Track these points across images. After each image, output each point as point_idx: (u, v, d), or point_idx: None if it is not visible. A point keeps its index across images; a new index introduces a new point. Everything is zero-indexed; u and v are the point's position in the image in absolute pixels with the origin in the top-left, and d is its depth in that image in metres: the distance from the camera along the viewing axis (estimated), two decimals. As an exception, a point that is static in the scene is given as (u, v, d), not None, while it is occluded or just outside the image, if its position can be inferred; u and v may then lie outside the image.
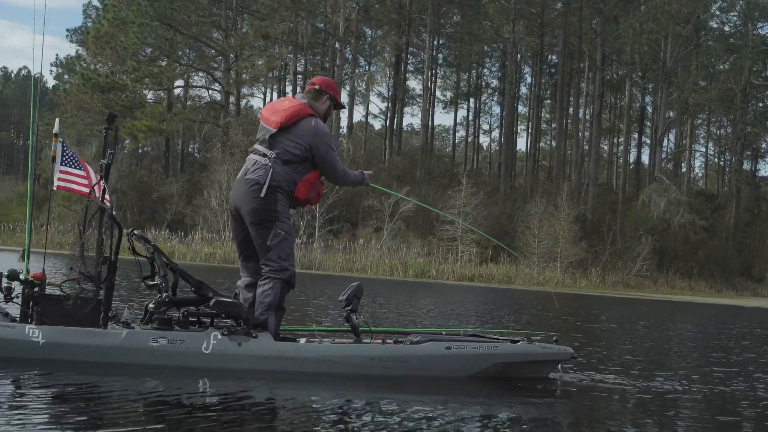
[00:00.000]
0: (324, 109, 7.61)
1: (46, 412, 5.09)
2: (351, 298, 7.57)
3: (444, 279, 41.56)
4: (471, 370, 7.49)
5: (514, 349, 7.64)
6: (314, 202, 7.64)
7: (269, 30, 60.84)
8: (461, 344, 7.49)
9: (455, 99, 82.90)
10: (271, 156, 7.37)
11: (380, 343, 7.58)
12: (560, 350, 7.85)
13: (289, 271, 7.32)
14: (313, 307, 15.32)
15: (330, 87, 7.71)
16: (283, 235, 7.29)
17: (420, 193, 53.57)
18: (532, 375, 7.82)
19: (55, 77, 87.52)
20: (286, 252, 7.32)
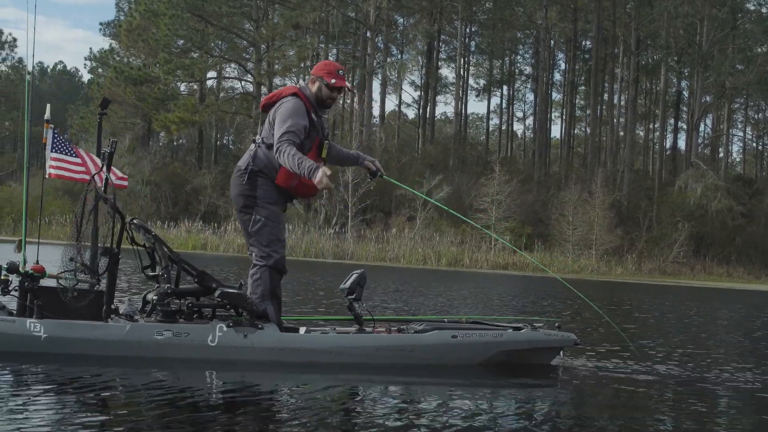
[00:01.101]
0: (314, 90, 7.30)
1: (50, 407, 4.97)
2: (354, 287, 7.43)
3: (477, 267, 41.28)
4: (477, 359, 7.44)
5: (519, 337, 7.60)
6: (302, 192, 7.23)
7: (300, 20, 60.73)
8: (467, 333, 7.41)
9: (488, 86, 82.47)
10: (257, 141, 7.26)
11: (383, 331, 7.46)
12: (564, 337, 7.80)
13: (274, 257, 7.11)
14: (316, 294, 15.18)
15: (317, 68, 7.43)
16: (263, 221, 7.09)
17: (453, 182, 53.28)
18: (535, 362, 7.75)
19: (89, 71, 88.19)
20: (269, 238, 7.12)
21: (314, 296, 15.17)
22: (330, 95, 7.32)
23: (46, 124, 7.45)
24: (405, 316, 9.83)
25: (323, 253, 43.23)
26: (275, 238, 7.14)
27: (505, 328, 7.73)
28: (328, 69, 7.36)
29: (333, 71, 7.33)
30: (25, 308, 6.61)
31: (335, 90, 7.33)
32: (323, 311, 11.36)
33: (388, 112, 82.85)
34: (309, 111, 7.17)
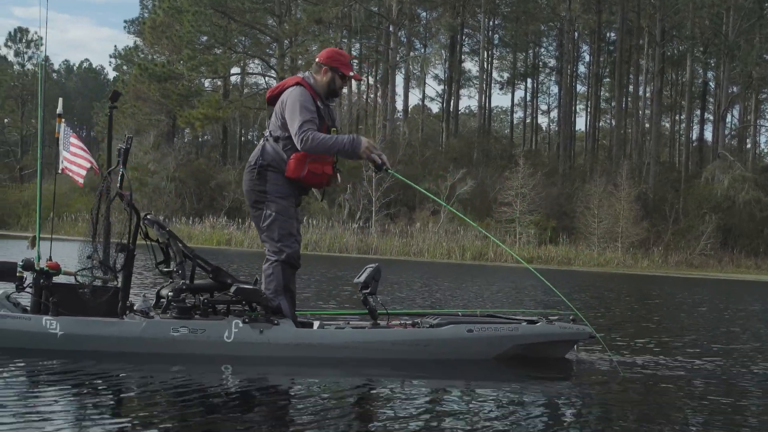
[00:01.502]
0: (325, 81, 7.25)
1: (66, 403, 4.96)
2: (369, 281, 7.42)
3: (502, 261, 41.09)
4: (493, 352, 7.41)
5: (534, 330, 7.56)
6: (314, 181, 7.16)
7: (322, 15, 60.74)
8: (483, 326, 7.37)
9: (512, 80, 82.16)
10: (266, 135, 7.23)
11: (397, 325, 7.46)
12: (579, 330, 7.76)
13: (286, 252, 7.07)
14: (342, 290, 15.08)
15: (329, 57, 7.32)
16: (274, 215, 7.06)
17: (477, 175, 53.10)
18: (550, 355, 7.72)
19: (114, 68, 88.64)
20: (280, 233, 7.07)
21: (340, 291, 15.15)
22: (341, 85, 7.30)
23: (58, 119, 7.40)
24: (419, 309, 9.75)
25: (347, 248, 43.21)
26: (286, 232, 7.09)
27: (520, 322, 7.69)
28: (341, 60, 7.30)
29: (346, 62, 7.32)
30: (39, 305, 6.60)
31: (347, 80, 7.34)
32: (347, 306, 11.30)
33: (412, 107, 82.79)
34: (315, 100, 7.12)
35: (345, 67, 7.26)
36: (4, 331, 6.33)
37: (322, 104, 7.17)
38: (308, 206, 50.97)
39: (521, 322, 7.67)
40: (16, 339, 6.34)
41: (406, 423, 4.89)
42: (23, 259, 6.63)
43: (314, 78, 7.25)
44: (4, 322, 6.35)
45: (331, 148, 6.93)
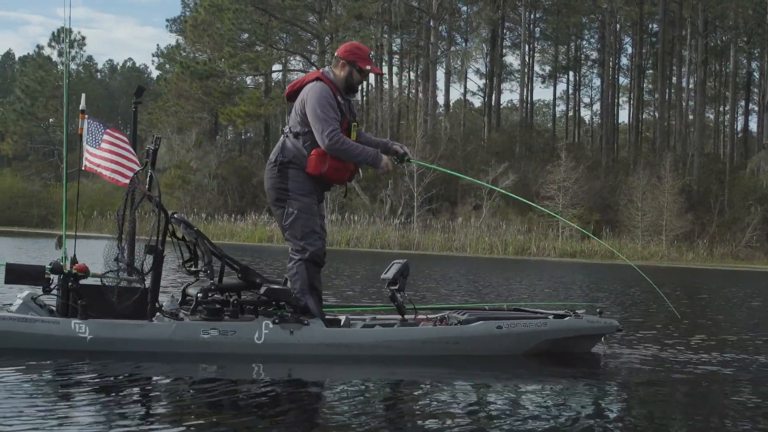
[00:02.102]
0: (343, 75, 7.19)
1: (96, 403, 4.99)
2: (397, 277, 7.38)
3: (545, 256, 40.93)
4: (522, 348, 7.39)
5: (563, 325, 7.54)
6: (336, 177, 7.11)
7: (363, 10, 60.67)
8: (512, 323, 7.34)
9: (554, 73, 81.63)
10: (285, 131, 7.21)
11: (424, 319, 7.48)
12: (607, 323, 7.74)
13: (309, 250, 7.02)
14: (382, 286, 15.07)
15: (347, 51, 7.26)
16: (296, 213, 7.01)
17: (519, 169, 52.86)
18: (577, 350, 7.72)
19: (157, 67, 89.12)
20: (303, 231, 7.02)
21: (379, 288, 15.11)
22: (360, 80, 7.24)
23: (81, 115, 7.37)
24: (447, 304, 9.72)
25: (389, 244, 43.16)
26: (309, 230, 7.04)
27: (547, 316, 7.68)
28: (360, 54, 7.22)
29: (365, 56, 7.23)
30: (67, 307, 6.58)
31: (366, 74, 7.28)
32: (380, 302, 11.30)
33: (454, 101, 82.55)
34: (335, 95, 7.07)
35: (362, 61, 7.18)
36: (34, 334, 6.32)
37: (342, 99, 7.14)
38: (350, 202, 51.03)
39: (548, 317, 7.66)
40: (45, 342, 6.33)
41: (437, 421, 4.85)
42: (51, 262, 6.63)
43: (334, 72, 7.20)
44: (34, 326, 6.33)
45: (356, 157, 6.98)
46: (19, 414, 4.52)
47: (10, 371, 5.71)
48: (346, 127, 7.09)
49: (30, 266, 6.77)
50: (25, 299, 6.59)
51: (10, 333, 6.29)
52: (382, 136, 59.96)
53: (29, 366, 5.95)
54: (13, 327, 6.29)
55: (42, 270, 6.66)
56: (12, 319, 6.34)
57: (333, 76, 7.18)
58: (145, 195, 6.83)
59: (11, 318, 6.34)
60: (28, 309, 6.53)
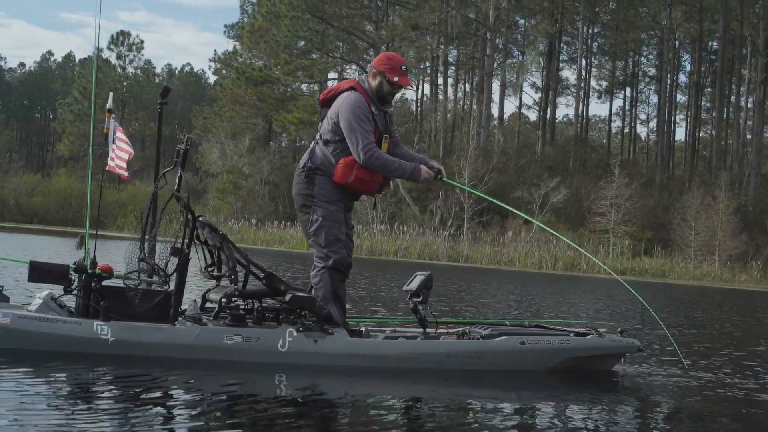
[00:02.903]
0: (375, 85, 7.08)
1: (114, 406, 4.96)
2: (420, 290, 7.31)
3: (594, 272, 40.43)
4: (544, 365, 7.32)
5: (585, 343, 7.51)
6: (362, 188, 7.02)
7: (419, 20, 60.65)
8: (535, 338, 7.29)
9: (610, 88, 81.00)
10: (317, 138, 7.14)
11: (445, 332, 7.45)
12: (628, 343, 7.70)
13: (332, 258, 6.94)
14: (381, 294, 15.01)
15: (379, 61, 7.16)
16: (320, 221, 6.93)
17: (572, 184, 52.46)
18: (598, 368, 7.66)
19: (214, 72, 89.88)
20: (327, 238, 6.94)
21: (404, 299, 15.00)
22: (391, 91, 7.10)
23: (107, 114, 7.33)
24: (468, 318, 9.64)
25: (437, 256, 42.97)
26: (333, 238, 6.96)
27: (569, 333, 7.61)
28: (391, 64, 7.09)
29: (396, 67, 7.07)
30: (87, 308, 6.51)
31: (396, 86, 7.11)
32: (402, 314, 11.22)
33: (510, 114, 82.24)
34: (369, 105, 6.97)
35: (392, 72, 7.04)
36: (55, 335, 6.24)
37: (376, 109, 7.05)
38: (400, 213, 51.00)
39: (570, 334, 7.60)
40: (65, 343, 6.25)
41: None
42: (75, 261, 6.58)
43: (368, 82, 7.11)
44: (55, 326, 6.25)
45: (392, 172, 6.95)
46: (37, 415, 4.49)
47: (29, 372, 5.69)
48: (378, 138, 7.01)
49: (54, 265, 6.70)
50: (45, 299, 6.52)
51: (30, 333, 6.21)
52: (435, 148, 60.05)
53: (48, 367, 5.90)
54: (34, 327, 6.22)
55: (66, 269, 6.60)
56: (33, 318, 6.26)
57: (367, 85, 7.09)
58: (173, 195, 6.76)
59: (32, 317, 6.27)
60: (48, 309, 6.45)
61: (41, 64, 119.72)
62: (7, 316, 6.21)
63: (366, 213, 49.34)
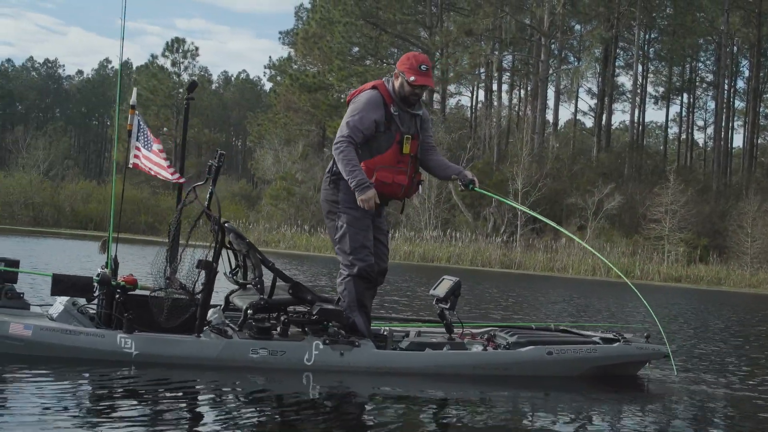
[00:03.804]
0: (397, 85, 7.01)
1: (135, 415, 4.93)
2: (448, 296, 7.28)
3: (648, 279, 39.97)
4: (571, 374, 7.32)
5: (612, 351, 7.50)
6: (385, 191, 6.94)
7: (473, 26, 60.38)
8: (562, 348, 7.26)
9: (667, 94, 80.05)
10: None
11: (469, 336, 7.47)
12: (655, 350, 7.70)
13: (357, 266, 6.86)
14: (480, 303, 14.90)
15: (401, 61, 7.10)
16: (345, 228, 6.87)
17: (626, 191, 51.91)
18: (623, 373, 7.69)
19: (269, 79, 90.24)
20: (351, 245, 6.87)
21: (479, 305, 14.91)
22: (412, 92, 6.97)
23: (131, 110, 7.28)
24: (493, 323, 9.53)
25: (490, 262, 42.70)
26: (359, 245, 6.88)
27: (595, 340, 7.62)
28: (410, 64, 6.99)
29: (415, 66, 6.96)
30: (110, 317, 6.49)
31: (417, 87, 6.96)
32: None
33: (566, 121, 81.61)
34: (388, 104, 6.89)
35: (410, 71, 6.94)
36: (77, 348, 6.22)
37: (398, 110, 6.95)
38: (453, 219, 50.79)
39: (597, 341, 7.60)
40: (89, 355, 6.23)
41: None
42: (99, 273, 6.54)
43: (392, 82, 7.05)
44: (77, 339, 6.23)
45: (346, 174, 6.73)
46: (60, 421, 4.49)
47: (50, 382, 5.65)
48: (399, 139, 6.92)
49: (77, 277, 6.72)
50: (66, 305, 6.52)
51: (52, 345, 6.19)
52: (489, 154, 59.75)
53: (71, 373, 5.91)
54: (56, 339, 6.21)
55: (89, 281, 6.61)
56: (56, 330, 6.25)
57: (390, 86, 7.03)
58: (203, 212, 6.70)
59: (54, 329, 6.25)
60: (69, 316, 6.45)
61: (98, 72, 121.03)
62: (29, 328, 6.20)
63: (419, 219, 49.23)
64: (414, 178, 7.10)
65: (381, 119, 6.89)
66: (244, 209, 59.92)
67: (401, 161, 6.97)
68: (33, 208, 59.47)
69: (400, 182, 6.93)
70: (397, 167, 6.93)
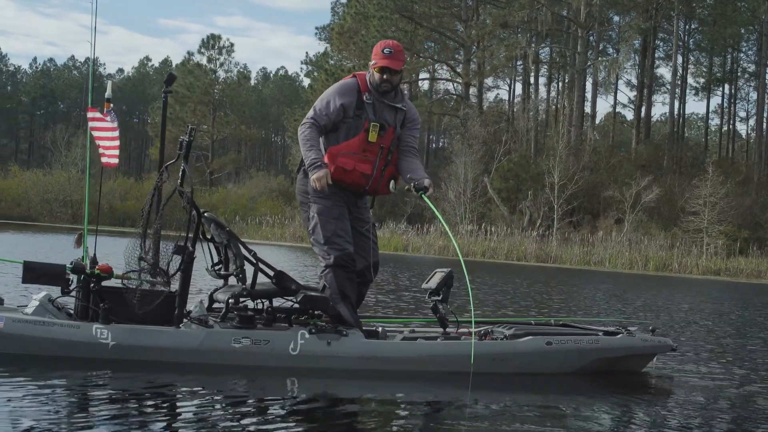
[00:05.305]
0: (372, 73, 6.78)
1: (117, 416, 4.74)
2: (440, 288, 6.97)
3: (686, 273, 39.36)
4: (572, 367, 6.90)
5: (615, 343, 7.08)
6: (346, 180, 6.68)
7: (508, 18, 59.92)
8: (562, 338, 6.83)
9: (708, 85, 79.01)
10: None
11: (466, 332, 7.00)
12: (661, 342, 7.31)
13: (333, 255, 6.62)
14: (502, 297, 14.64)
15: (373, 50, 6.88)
16: (316, 218, 6.64)
17: (665, 183, 51.24)
18: (628, 369, 7.25)
19: (306, 74, 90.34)
20: (324, 235, 6.65)
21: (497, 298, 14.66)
22: (381, 78, 6.70)
23: (106, 104, 7.08)
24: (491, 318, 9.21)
25: (525, 256, 42.29)
26: (331, 233, 6.66)
27: (598, 333, 7.17)
28: (376, 50, 6.79)
29: (379, 51, 6.75)
30: (87, 311, 6.21)
31: (384, 71, 6.68)
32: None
33: (606, 113, 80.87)
34: (362, 92, 6.67)
35: (375, 56, 6.77)
36: (51, 339, 5.95)
37: (371, 98, 6.72)
38: (489, 213, 50.45)
39: (598, 333, 7.17)
40: (63, 348, 5.97)
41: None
42: (72, 261, 6.30)
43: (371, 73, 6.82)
44: (51, 330, 5.97)
45: (303, 152, 6.58)
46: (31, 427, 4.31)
47: (23, 380, 5.45)
48: (366, 127, 6.66)
49: (50, 265, 6.46)
50: (42, 301, 6.26)
51: (25, 337, 5.93)
52: (526, 147, 59.22)
53: (46, 370, 5.73)
54: (29, 331, 5.95)
55: (62, 269, 6.35)
56: (27, 322, 5.99)
57: (369, 76, 6.81)
58: (176, 190, 6.47)
59: (27, 321, 6.00)
60: (44, 311, 6.19)
61: (139, 70, 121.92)
62: (0, 319, 5.96)
63: (454, 213, 48.93)
64: (384, 170, 6.80)
65: (350, 105, 6.68)
66: (282, 205, 59.92)
67: (368, 150, 6.71)
68: (72, 205, 59.87)
69: (363, 171, 6.69)
70: (361, 155, 6.69)
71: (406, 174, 6.91)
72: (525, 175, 52.49)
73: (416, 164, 7.02)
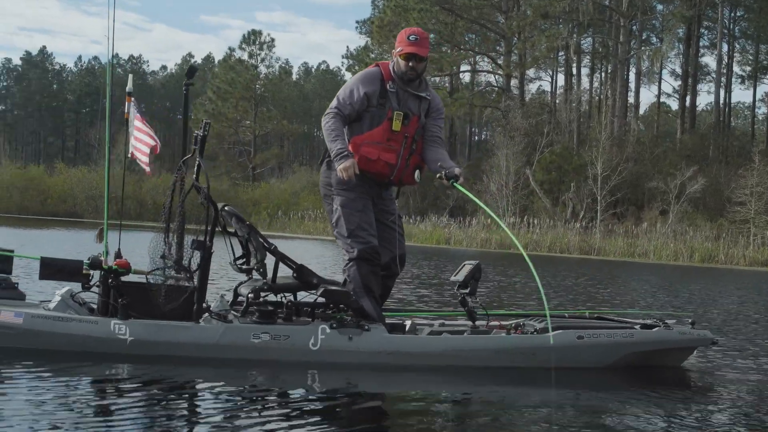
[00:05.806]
0: (395, 63, 6.68)
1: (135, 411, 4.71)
2: (468, 280, 6.74)
3: (733, 264, 38.76)
4: (605, 361, 6.64)
5: (650, 336, 6.78)
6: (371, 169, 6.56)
7: (549, 9, 59.42)
8: (594, 332, 6.58)
9: (754, 73, 77.88)
10: None
11: (497, 326, 6.86)
12: (700, 336, 6.96)
13: (357, 248, 6.51)
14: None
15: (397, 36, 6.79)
16: (339, 210, 6.56)
17: (710, 173, 50.50)
18: (666, 364, 6.96)
19: (347, 68, 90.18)
20: (348, 228, 6.55)
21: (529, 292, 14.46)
22: (407, 65, 6.60)
23: (127, 98, 6.98)
24: (521, 311, 8.97)
25: (568, 249, 41.89)
26: (355, 226, 6.55)
27: (634, 326, 6.92)
28: (401, 38, 6.71)
29: (404, 38, 6.65)
30: (107, 306, 6.14)
31: (410, 58, 6.57)
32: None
33: (650, 103, 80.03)
34: (385, 80, 6.58)
35: (400, 44, 6.69)
36: (70, 335, 5.91)
37: (395, 87, 6.63)
38: (531, 205, 50.10)
39: (635, 327, 6.90)
40: (82, 343, 5.92)
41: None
42: (90, 257, 6.21)
43: (396, 62, 6.73)
44: (69, 326, 5.93)
45: (328, 142, 6.48)
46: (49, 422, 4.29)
47: (42, 375, 5.42)
48: (390, 115, 6.56)
49: (67, 261, 6.43)
50: (64, 296, 6.22)
51: (43, 333, 5.90)
52: (569, 138, 58.71)
53: (63, 369, 5.63)
54: (47, 327, 5.91)
55: (79, 265, 6.32)
56: (47, 317, 5.96)
57: (393, 65, 6.72)
58: (193, 186, 6.37)
59: (45, 317, 5.96)
60: (66, 307, 6.16)
61: (181, 66, 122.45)
62: (20, 315, 5.93)
63: (496, 206, 48.60)
64: (409, 160, 6.66)
65: (374, 94, 6.61)
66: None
67: (392, 139, 6.63)
68: (116, 201, 60.26)
69: (387, 160, 6.60)
70: (386, 144, 6.61)
71: (436, 163, 6.78)
72: (567, 166, 52.02)
73: (443, 153, 6.92)
